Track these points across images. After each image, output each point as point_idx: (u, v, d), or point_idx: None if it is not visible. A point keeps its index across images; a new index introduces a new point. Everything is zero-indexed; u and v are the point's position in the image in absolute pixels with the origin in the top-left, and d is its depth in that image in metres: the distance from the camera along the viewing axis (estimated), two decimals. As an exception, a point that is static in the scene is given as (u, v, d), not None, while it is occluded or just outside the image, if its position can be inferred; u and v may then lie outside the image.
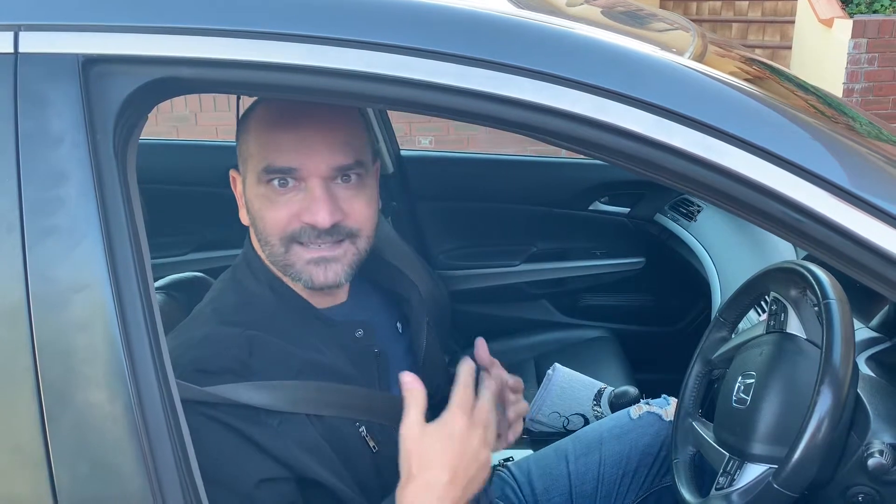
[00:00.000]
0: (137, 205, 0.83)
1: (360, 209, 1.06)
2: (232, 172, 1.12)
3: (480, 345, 1.14)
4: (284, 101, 1.02)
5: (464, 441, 0.93)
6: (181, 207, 2.31)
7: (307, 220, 1.02)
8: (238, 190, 1.11)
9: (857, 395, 1.08)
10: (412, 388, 0.94)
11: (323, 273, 1.05)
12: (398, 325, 1.25)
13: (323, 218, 1.01)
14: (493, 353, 1.14)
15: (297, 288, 1.10)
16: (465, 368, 0.98)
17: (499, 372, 1.18)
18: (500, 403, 1.17)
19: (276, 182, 1.02)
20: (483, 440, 0.95)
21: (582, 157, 2.72)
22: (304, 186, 1.02)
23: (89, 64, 0.78)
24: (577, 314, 2.50)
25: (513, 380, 1.18)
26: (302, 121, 1.02)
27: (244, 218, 1.11)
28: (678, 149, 0.76)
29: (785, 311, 1.20)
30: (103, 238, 0.77)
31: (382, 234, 1.28)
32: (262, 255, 1.11)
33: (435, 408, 1.23)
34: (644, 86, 0.77)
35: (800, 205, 0.77)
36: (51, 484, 0.79)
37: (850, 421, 1.07)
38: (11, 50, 0.78)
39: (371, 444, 1.07)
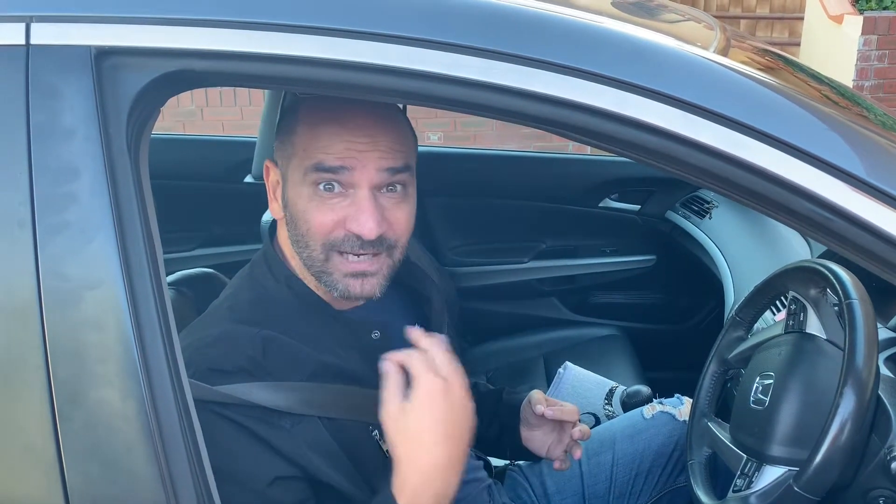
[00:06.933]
0: (150, 200, 0.81)
1: (402, 220, 1.05)
2: (267, 163, 1.09)
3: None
4: (335, 99, 1.00)
5: (446, 396, 0.91)
6: (187, 203, 2.30)
7: (353, 228, 1.00)
8: (272, 181, 1.09)
9: (878, 396, 1.06)
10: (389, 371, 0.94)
11: (360, 286, 1.04)
12: (417, 326, 1.23)
13: (370, 229, 0.99)
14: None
15: (318, 289, 1.09)
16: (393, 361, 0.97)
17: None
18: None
19: (322, 186, 1.00)
20: (461, 388, 0.93)
21: (592, 153, 2.71)
22: (352, 193, 1.01)
23: (102, 56, 0.76)
24: (587, 312, 2.48)
25: (578, 431, 1.29)
26: (354, 120, 1.00)
27: (276, 212, 1.09)
28: (706, 145, 0.75)
29: (804, 310, 1.18)
30: (116, 234, 0.76)
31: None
32: (287, 253, 1.09)
33: None
34: (670, 80, 0.75)
35: (829, 202, 0.75)
36: (62, 484, 0.78)
37: (872, 423, 1.05)
38: (23, 42, 0.76)
39: (384, 447, 1.05)
